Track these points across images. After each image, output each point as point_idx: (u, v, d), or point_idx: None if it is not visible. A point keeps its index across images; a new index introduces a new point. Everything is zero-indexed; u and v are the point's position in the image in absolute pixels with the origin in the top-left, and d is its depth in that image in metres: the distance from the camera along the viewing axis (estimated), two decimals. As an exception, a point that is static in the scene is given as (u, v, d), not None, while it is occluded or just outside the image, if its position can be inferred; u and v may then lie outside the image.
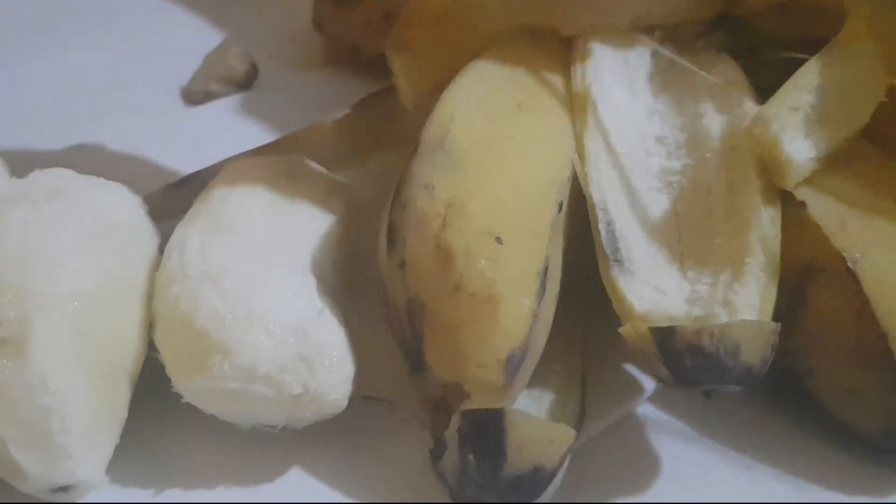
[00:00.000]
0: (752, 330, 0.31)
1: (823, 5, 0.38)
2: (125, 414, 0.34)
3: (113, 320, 0.34)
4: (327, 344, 0.33)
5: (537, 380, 0.35)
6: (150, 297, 0.36)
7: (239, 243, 0.35)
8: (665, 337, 0.31)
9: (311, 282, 0.35)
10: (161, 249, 0.37)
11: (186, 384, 0.34)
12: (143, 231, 0.37)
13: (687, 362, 0.31)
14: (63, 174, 0.38)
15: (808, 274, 0.34)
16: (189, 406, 0.34)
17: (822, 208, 0.34)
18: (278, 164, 0.40)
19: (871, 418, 0.34)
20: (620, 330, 0.32)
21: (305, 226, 0.37)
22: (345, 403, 0.34)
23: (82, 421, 0.32)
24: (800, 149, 0.34)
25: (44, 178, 0.37)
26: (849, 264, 0.33)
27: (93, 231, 0.35)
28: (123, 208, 0.37)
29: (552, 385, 0.35)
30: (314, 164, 0.41)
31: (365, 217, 0.39)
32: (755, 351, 0.31)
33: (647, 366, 0.32)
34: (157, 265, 0.37)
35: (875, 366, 0.33)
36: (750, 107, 0.36)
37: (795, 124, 0.34)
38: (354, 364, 0.34)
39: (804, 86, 0.35)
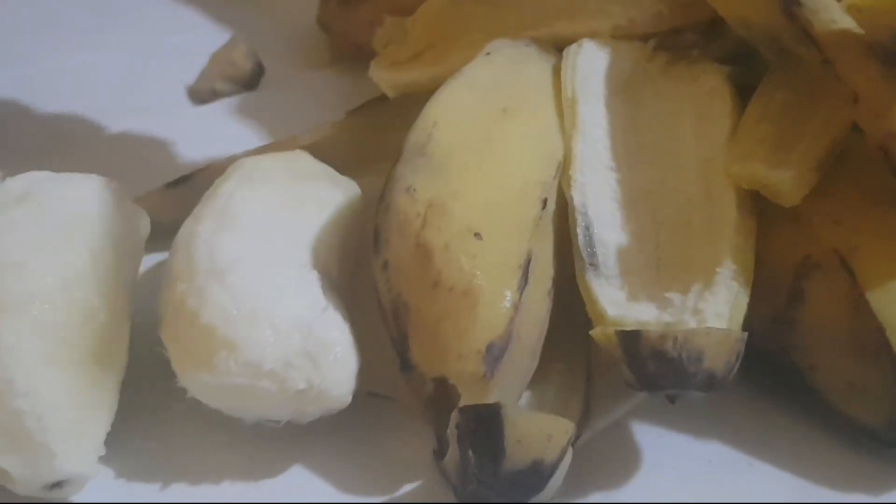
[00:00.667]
0: (717, 338, 0.31)
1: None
2: (114, 403, 0.34)
3: (84, 313, 0.34)
4: (331, 340, 0.34)
5: (541, 377, 0.35)
6: (131, 284, 0.36)
7: (245, 240, 0.36)
8: (630, 340, 0.31)
9: (315, 278, 0.35)
10: (149, 236, 0.38)
11: (192, 380, 0.34)
12: (119, 219, 0.37)
13: (650, 366, 0.31)
14: (35, 176, 0.38)
15: (805, 270, 0.35)
16: (194, 401, 0.34)
17: (815, 204, 0.34)
18: (284, 161, 0.40)
19: (875, 412, 0.34)
20: (591, 332, 0.33)
21: (311, 223, 0.37)
22: (348, 399, 0.34)
23: (61, 417, 0.32)
24: (782, 174, 0.34)
25: (14, 184, 0.38)
26: (843, 259, 0.34)
27: (59, 227, 0.36)
28: (94, 200, 0.37)
29: (555, 383, 0.36)
30: (319, 162, 0.41)
31: (370, 215, 0.40)
32: (719, 358, 0.31)
33: (616, 369, 0.32)
34: (139, 251, 0.37)
35: (875, 359, 0.33)
36: (727, 121, 0.36)
37: (767, 154, 0.34)
38: (358, 360, 0.34)
39: (762, 116, 0.36)
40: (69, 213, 0.36)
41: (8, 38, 0.57)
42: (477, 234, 0.33)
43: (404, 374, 0.33)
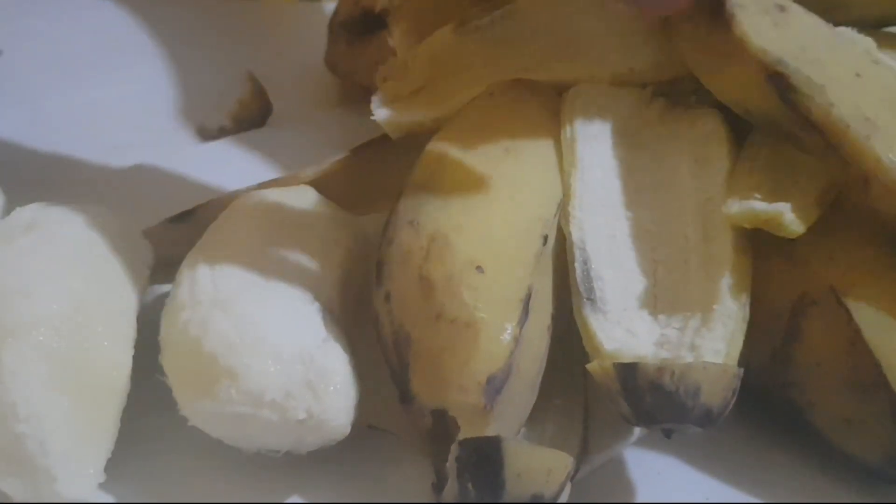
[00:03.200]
0: (714, 372, 0.32)
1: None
2: (114, 430, 0.34)
3: (88, 340, 0.34)
4: (332, 370, 0.34)
5: (539, 413, 0.35)
6: (135, 313, 0.36)
7: (249, 272, 0.36)
8: (627, 373, 0.31)
9: (317, 310, 0.35)
10: (154, 266, 0.38)
11: (193, 408, 0.34)
12: (124, 249, 0.38)
13: (647, 399, 0.31)
14: (42, 207, 0.39)
15: (801, 308, 0.35)
16: (194, 429, 0.34)
17: (811, 242, 0.35)
18: (288, 196, 0.40)
19: (872, 448, 0.34)
20: (587, 366, 0.33)
21: (313, 256, 0.38)
22: (347, 429, 0.34)
23: (62, 442, 0.32)
24: (783, 206, 0.34)
25: (22, 214, 0.38)
26: (839, 296, 0.34)
27: (64, 256, 0.36)
28: (100, 230, 0.38)
29: (554, 419, 0.36)
30: (322, 197, 0.41)
31: (372, 250, 0.40)
32: (716, 393, 0.31)
33: (611, 403, 0.32)
34: (143, 281, 0.38)
35: (872, 395, 0.34)
36: (724, 164, 0.37)
37: (765, 194, 0.35)
38: (358, 391, 0.34)
39: (752, 168, 0.36)
40: (75, 243, 0.37)
41: (21, 75, 0.58)
42: (479, 268, 0.34)
43: (404, 406, 0.33)
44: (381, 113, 0.43)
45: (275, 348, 0.33)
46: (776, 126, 0.36)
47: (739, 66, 0.35)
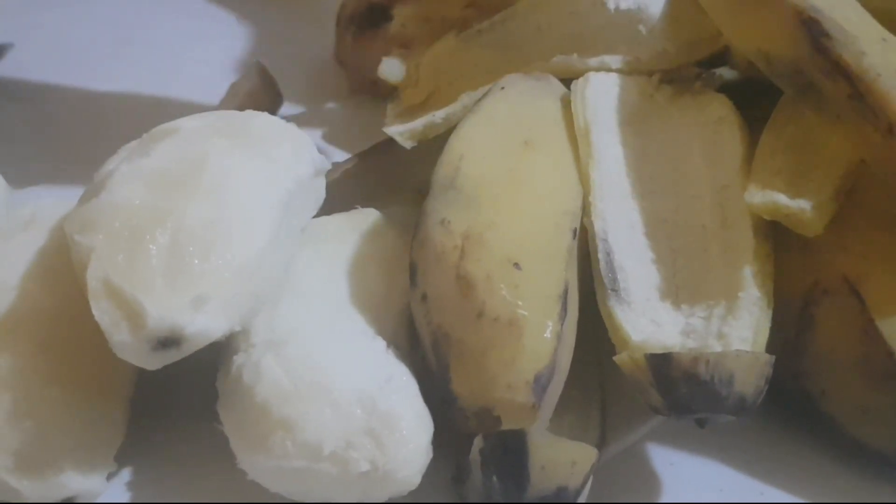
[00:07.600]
0: (747, 360, 0.31)
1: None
2: (123, 419, 0.34)
3: (88, 331, 0.32)
4: (396, 415, 0.31)
5: (557, 406, 0.35)
6: None
7: (307, 306, 0.34)
8: (661, 363, 0.31)
9: (381, 346, 0.34)
10: None
11: (248, 461, 0.32)
12: None
13: (681, 389, 0.31)
14: (43, 202, 0.38)
15: (814, 297, 0.35)
16: (205, 420, 0.33)
17: (824, 231, 0.34)
18: (351, 220, 0.39)
19: (886, 437, 0.34)
20: (615, 358, 0.33)
21: (376, 285, 0.36)
22: (417, 480, 0.32)
23: (67, 435, 0.32)
24: (804, 204, 0.34)
25: (24, 210, 0.38)
26: (852, 285, 0.34)
27: (59, 251, 0.35)
28: None
29: (571, 410, 0.36)
30: (386, 219, 0.40)
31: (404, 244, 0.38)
32: (749, 381, 0.31)
33: (640, 394, 0.32)
34: None
35: (886, 384, 0.34)
36: (739, 150, 0.37)
37: (786, 186, 0.35)
38: (429, 432, 0.32)
39: (775, 149, 0.36)
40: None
41: (29, 69, 0.58)
42: (516, 265, 0.33)
43: (444, 407, 0.33)
44: (392, 129, 0.43)
45: (332, 393, 0.31)
46: (797, 75, 0.35)
47: (771, 10, 0.35)
